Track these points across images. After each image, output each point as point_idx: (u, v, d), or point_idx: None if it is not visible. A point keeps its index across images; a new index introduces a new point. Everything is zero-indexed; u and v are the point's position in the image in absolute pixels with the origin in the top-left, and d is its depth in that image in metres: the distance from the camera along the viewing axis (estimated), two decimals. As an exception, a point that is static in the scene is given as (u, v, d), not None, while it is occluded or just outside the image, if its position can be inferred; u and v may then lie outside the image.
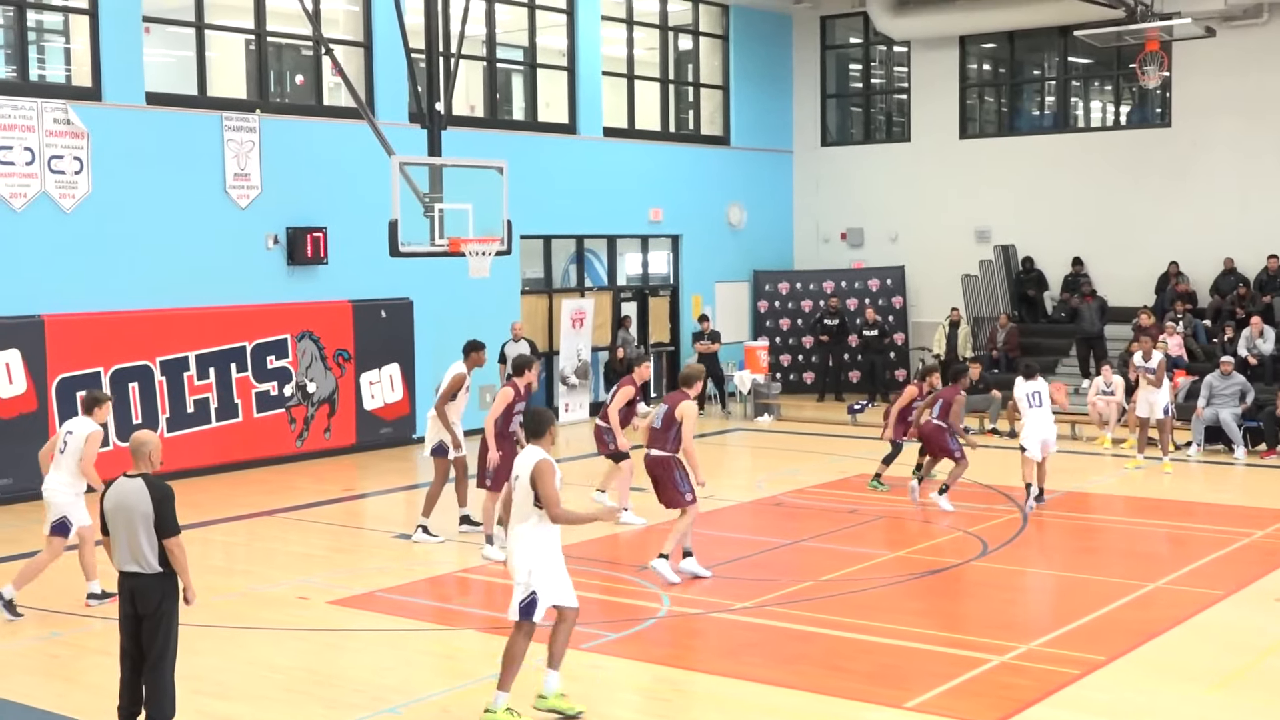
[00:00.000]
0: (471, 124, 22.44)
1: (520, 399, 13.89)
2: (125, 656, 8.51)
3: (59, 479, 11.81)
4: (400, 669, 10.20)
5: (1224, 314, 23.90)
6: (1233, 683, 9.72)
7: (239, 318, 19.33)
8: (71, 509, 11.79)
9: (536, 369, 14.19)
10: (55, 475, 11.84)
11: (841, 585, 12.55)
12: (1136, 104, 26.75)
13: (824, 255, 29.13)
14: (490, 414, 13.74)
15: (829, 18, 29.23)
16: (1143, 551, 14.04)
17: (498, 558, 13.48)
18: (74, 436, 11.74)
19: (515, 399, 13.84)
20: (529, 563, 8.68)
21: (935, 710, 9.09)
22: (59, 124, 17.51)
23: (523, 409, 13.70)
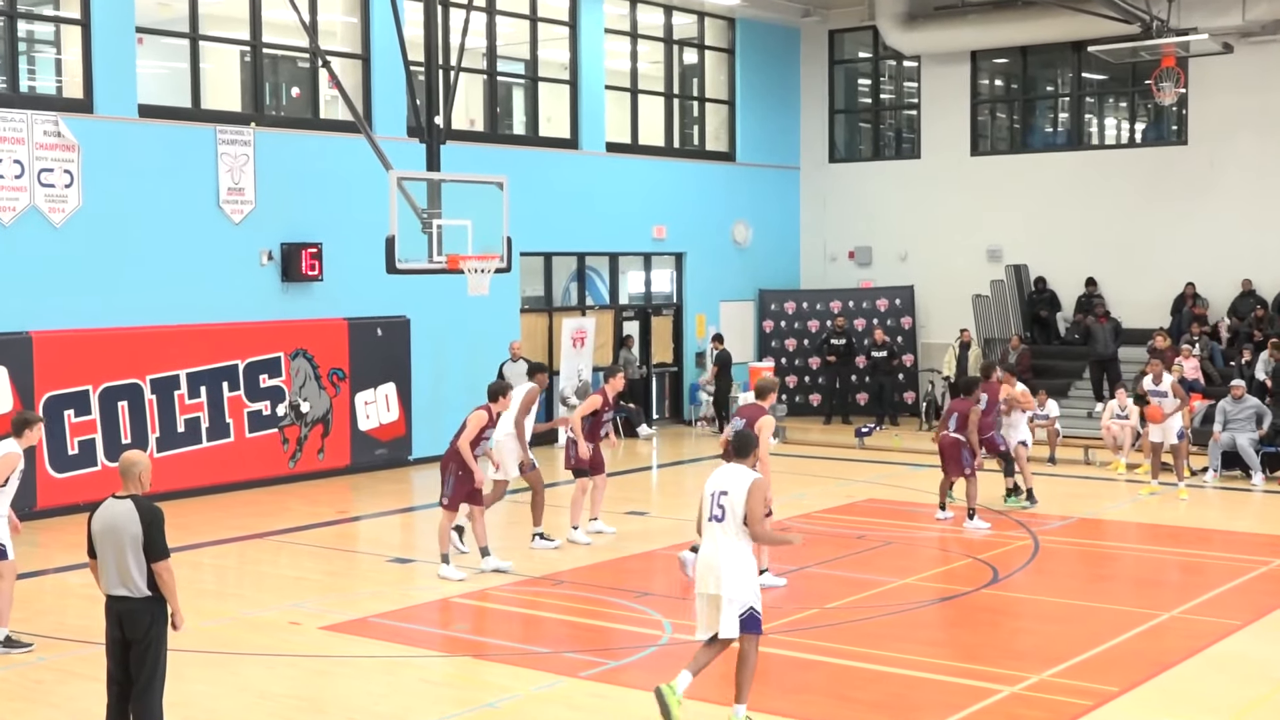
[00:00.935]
0: (471, 138, 22.49)
1: (493, 424, 14.10)
2: (112, 682, 8.49)
3: None
4: (394, 696, 10.18)
5: (1241, 336, 23.90)
6: (1249, 716, 9.69)
7: (231, 335, 19.35)
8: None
9: (510, 396, 14.39)
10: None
11: (848, 613, 12.54)
12: (1152, 121, 26.80)
13: (831, 274, 29.16)
14: (464, 437, 13.82)
15: (837, 32, 29.30)
16: (1157, 580, 14.02)
17: (455, 577, 13.64)
18: None
19: (489, 423, 14.04)
20: (738, 577, 9.02)
21: (944, 742, 9.08)
22: (49, 136, 17.56)
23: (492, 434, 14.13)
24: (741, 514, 8.99)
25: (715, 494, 9.14)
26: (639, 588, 13.57)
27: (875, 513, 17.87)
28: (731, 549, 9.02)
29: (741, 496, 9.00)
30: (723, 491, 9.10)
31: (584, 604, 12.92)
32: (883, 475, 20.47)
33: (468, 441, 13.78)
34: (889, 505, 18.33)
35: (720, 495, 9.10)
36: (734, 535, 9.04)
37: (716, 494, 9.13)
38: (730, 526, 9.04)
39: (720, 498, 9.09)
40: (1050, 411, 22.14)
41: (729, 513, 9.03)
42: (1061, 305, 26.79)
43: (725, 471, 9.24)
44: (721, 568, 8.99)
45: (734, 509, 9.02)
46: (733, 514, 9.02)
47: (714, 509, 9.10)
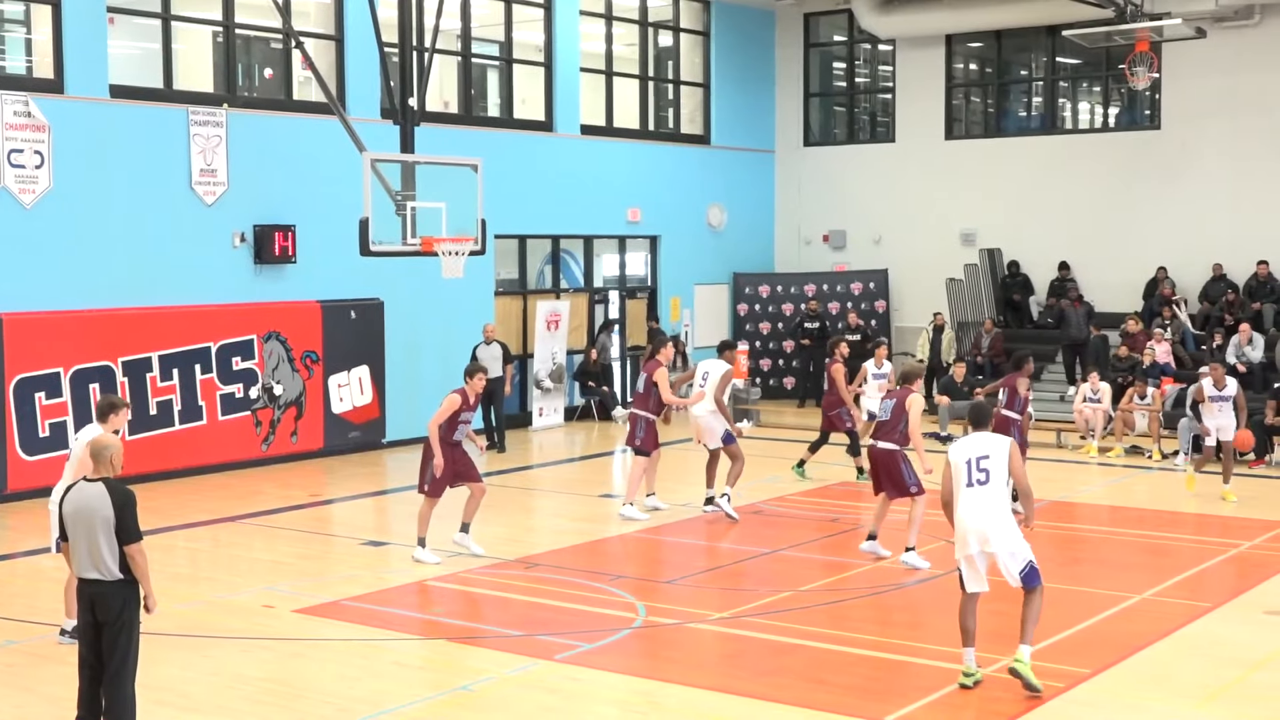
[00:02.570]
0: (446, 120, 22.42)
1: (469, 408, 13.85)
2: (84, 666, 8.46)
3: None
4: (368, 680, 10.17)
5: (1213, 321, 24.04)
6: (1220, 697, 9.76)
7: (204, 318, 19.26)
8: None
9: (482, 377, 14.16)
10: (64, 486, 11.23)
11: (822, 595, 12.58)
12: (1125, 106, 26.89)
13: (806, 258, 29.18)
14: (435, 419, 13.67)
15: (813, 15, 29.29)
16: (1129, 562, 14.10)
17: (430, 560, 13.61)
18: (79, 444, 10.94)
19: (464, 406, 13.78)
20: (1014, 534, 9.64)
21: (917, 724, 9.13)
22: (19, 116, 17.42)
23: (468, 418, 13.82)
24: (1006, 475, 9.65)
25: (974, 460, 9.69)
26: (613, 571, 13.59)
27: (849, 495, 17.92)
28: (1002, 509, 9.62)
29: (1004, 459, 9.68)
30: (982, 456, 9.69)
31: (558, 587, 12.92)
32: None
33: (437, 424, 13.62)
34: (862, 488, 18.37)
35: (980, 460, 9.68)
36: (1001, 496, 9.65)
37: (975, 460, 9.69)
38: (996, 488, 9.64)
39: (981, 462, 9.67)
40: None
41: (993, 475, 9.64)
42: (1035, 289, 26.87)
43: (976, 440, 9.84)
44: (995, 527, 9.56)
45: (998, 471, 9.64)
46: (998, 476, 9.64)
47: (976, 474, 9.66)
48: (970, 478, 9.69)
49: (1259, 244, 24.42)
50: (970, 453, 9.77)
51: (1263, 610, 12.08)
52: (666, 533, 15.60)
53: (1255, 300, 24.13)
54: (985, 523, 9.57)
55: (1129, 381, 21.90)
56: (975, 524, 9.61)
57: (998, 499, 9.65)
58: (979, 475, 9.66)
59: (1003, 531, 9.59)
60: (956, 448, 9.89)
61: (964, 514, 9.69)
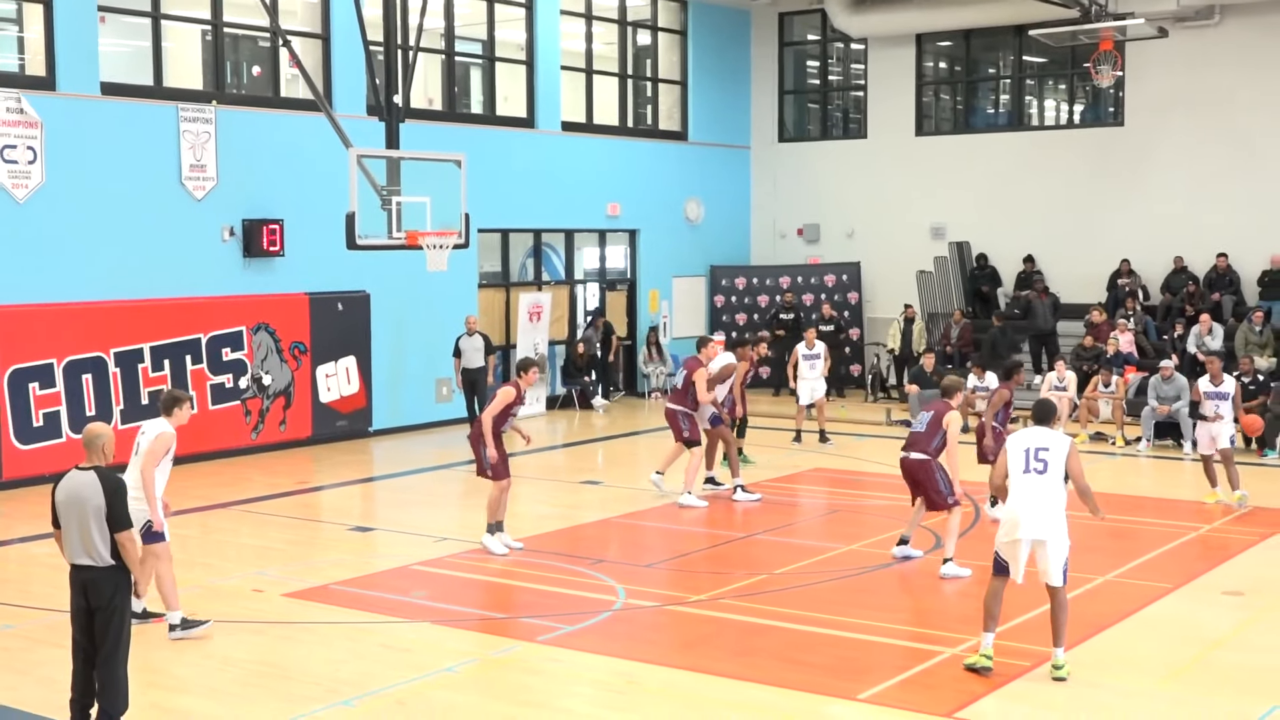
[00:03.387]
0: (430, 117, 22.36)
1: (520, 401, 13.74)
2: (77, 649, 8.44)
3: (134, 482, 10.36)
4: (355, 662, 10.15)
5: (1174, 311, 24.13)
6: (1180, 675, 9.81)
7: (194, 310, 19.19)
8: (144, 512, 10.44)
9: (535, 371, 14.04)
10: (130, 479, 10.39)
11: (797, 578, 12.59)
12: (1090, 103, 26.96)
13: (781, 251, 29.21)
14: (489, 411, 13.50)
15: (787, 14, 29.28)
16: (1092, 545, 14.11)
17: (498, 550, 13.44)
18: (145, 437, 10.76)
19: (517, 400, 13.67)
20: (1064, 526, 9.61)
21: (890, 702, 9.14)
22: (12, 113, 17.31)
23: (517, 410, 13.74)
24: (1063, 469, 9.61)
25: (1033, 449, 9.67)
26: (594, 555, 13.58)
27: (822, 481, 17.96)
28: (1058, 501, 9.58)
29: (1064, 454, 9.63)
30: (1042, 448, 9.67)
31: (540, 571, 12.91)
32: (831, 445, 20.56)
33: (491, 416, 13.47)
34: (835, 474, 18.43)
35: (1040, 450, 9.66)
36: (1057, 488, 9.61)
37: (1034, 449, 9.67)
38: (1053, 479, 9.59)
39: (1040, 453, 9.65)
40: (990, 384, 22.22)
41: (1051, 467, 9.60)
42: (1002, 281, 26.93)
43: (1037, 433, 9.82)
44: (1050, 515, 9.51)
45: (1056, 464, 9.60)
46: (1055, 469, 9.60)
47: (1034, 463, 9.62)
48: (1028, 465, 9.64)
49: (1218, 237, 24.52)
50: (1030, 443, 9.72)
51: (1221, 591, 12.14)
52: (645, 518, 15.60)
53: (1214, 291, 24.23)
54: (1041, 510, 9.50)
55: (1094, 370, 21.98)
56: (1030, 511, 9.51)
57: (1054, 490, 9.59)
58: (1037, 465, 9.62)
59: (1057, 523, 9.53)
60: (1016, 437, 9.88)
61: (1018, 500, 9.61)
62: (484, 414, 13.60)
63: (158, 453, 10.59)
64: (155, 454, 10.56)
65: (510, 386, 13.67)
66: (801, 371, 20.77)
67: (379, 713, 9.06)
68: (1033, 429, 9.92)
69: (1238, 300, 24.17)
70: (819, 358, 20.82)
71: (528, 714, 9.06)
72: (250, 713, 9.02)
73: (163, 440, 10.64)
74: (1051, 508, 9.53)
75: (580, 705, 9.33)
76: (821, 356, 20.87)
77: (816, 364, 20.80)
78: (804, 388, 20.74)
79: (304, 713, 9.01)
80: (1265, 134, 24.34)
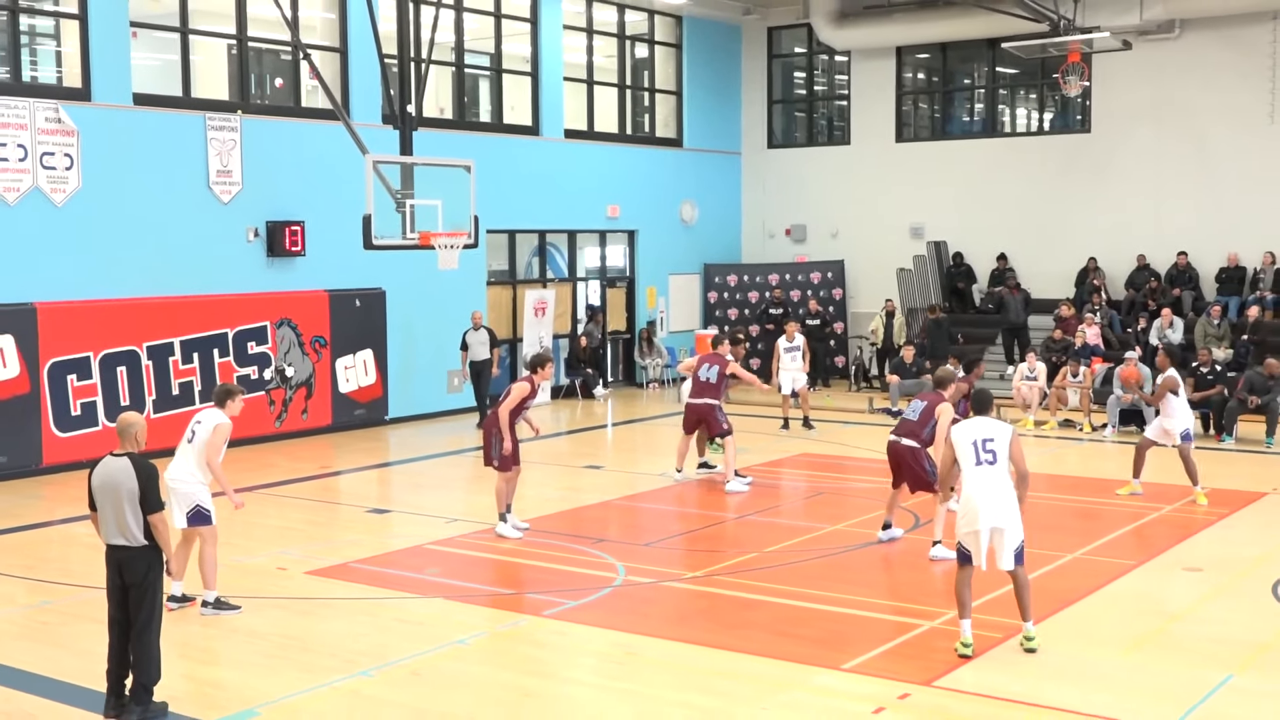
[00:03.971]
0: (441, 125, 22.32)
1: (534, 395, 13.50)
2: (113, 624, 8.44)
3: (184, 468, 10.61)
4: (373, 635, 10.16)
5: (1138, 306, 24.13)
6: (1143, 645, 9.82)
7: (221, 306, 19.17)
8: (201, 497, 10.64)
9: (551, 367, 13.88)
10: (180, 464, 10.67)
11: (785, 556, 12.59)
12: (1059, 111, 26.92)
13: (770, 250, 29.18)
14: (506, 405, 13.28)
15: (775, 29, 29.23)
16: (1061, 525, 14.14)
17: (512, 534, 13.32)
18: (202, 427, 10.71)
19: (531, 394, 13.41)
20: (1017, 514, 9.44)
21: (872, 671, 9.15)
22: (50, 123, 17.29)
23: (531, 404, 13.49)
24: (1007, 457, 9.43)
25: (980, 441, 9.45)
26: (596, 534, 13.58)
27: (809, 465, 17.96)
28: (1009, 488, 9.41)
29: (1007, 442, 9.45)
30: (988, 438, 9.45)
31: (546, 549, 12.92)
32: (815, 431, 20.56)
33: (508, 410, 13.28)
34: (821, 459, 18.43)
35: (986, 441, 9.44)
36: (1007, 476, 9.43)
37: (982, 441, 9.44)
38: (1002, 469, 9.41)
39: (987, 444, 9.43)
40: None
41: (999, 457, 9.41)
42: (977, 278, 26.92)
43: (977, 424, 9.58)
44: (1005, 504, 9.35)
45: (1002, 453, 9.42)
46: (1002, 458, 9.42)
47: (983, 455, 9.42)
48: (979, 458, 9.44)
49: (1178, 237, 24.54)
50: (975, 434, 9.51)
51: (1182, 567, 12.15)
52: (643, 500, 15.61)
53: (1175, 287, 24.22)
54: (996, 501, 9.35)
55: (1062, 361, 21.99)
56: (986, 501, 9.34)
57: (1005, 479, 9.44)
58: (986, 456, 9.42)
59: (1011, 511, 9.39)
60: (960, 429, 9.63)
61: (975, 491, 9.41)
62: (500, 408, 13.31)
63: (218, 444, 10.71)
64: (216, 445, 10.74)
65: (525, 382, 13.44)
66: (783, 363, 20.68)
67: (395, 682, 9.07)
68: (975, 420, 9.69)
69: (1197, 296, 24.17)
70: (799, 349, 20.78)
71: (534, 683, 9.07)
72: (275, 682, 9.03)
73: (221, 431, 10.72)
74: (1005, 496, 9.41)
75: (583, 675, 9.34)
76: (801, 348, 20.84)
77: (796, 355, 20.77)
78: (785, 378, 20.66)
79: (325, 682, 9.02)
80: (1222, 140, 24.33)
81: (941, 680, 8.95)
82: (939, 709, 8.46)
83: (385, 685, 9.00)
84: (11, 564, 12.43)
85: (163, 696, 8.44)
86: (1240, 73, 24.07)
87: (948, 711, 8.43)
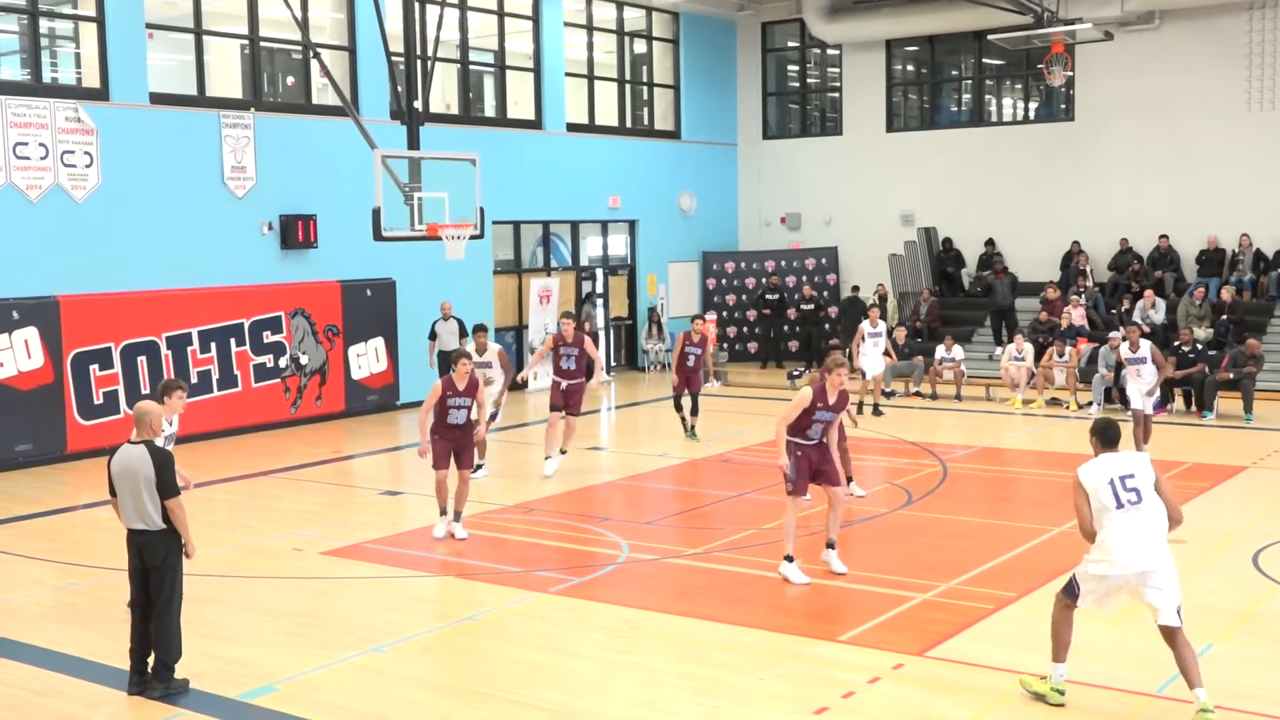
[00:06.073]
0: (447, 120, 22.27)
1: (456, 393, 12.32)
2: (135, 605, 8.44)
3: None
4: (386, 613, 10.15)
5: (1121, 288, 24.08)
6: (1126, 615, 9.77)
7: (237, 297, 19.14)
8: None
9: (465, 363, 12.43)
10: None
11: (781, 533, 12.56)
12: (1043, 101, 26.83)
13: (765, 237, 29.12)
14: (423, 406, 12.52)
15: (769, 24, 29.14)
16: (1049, 500, 14.12)
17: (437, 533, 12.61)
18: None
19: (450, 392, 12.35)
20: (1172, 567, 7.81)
21: (866, 643, 9.14)
22: (70, 122, 17.25)
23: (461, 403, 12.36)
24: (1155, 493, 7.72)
25: (1117, 479, 7.70)
26: (600, 514, 13.58)
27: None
28: (1163, 535, 7.74)
29: (1150, 475, 7.78)
30: (1126, 475, 7.72)
31: (552, 528, 12.91)
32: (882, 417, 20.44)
33: (424, 411, 12.44)
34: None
35: (1125, 479, 7.72)
36: (1161, 519, 7.73)
37: (1119, 479, 7.71)
38: (1152, 508, 7.70)
39: (1126, 481, 7.71)
40: (956, 355, 22.28)
41: (1144, 495, 7.69)
42: (966, 262, 26.88)
43: (1111, 459, 7.81)
44: (1159, 556, 7.67)
45: (1147, 489, 7.71)
46: (1149, 495, 7.70)
47: (1125, 494, 7.67)
48: (1120, 499, 7.67)
49: (1159, 220, 24.49)
50: (1111, 472, 7.73)
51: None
52: (646, 480, 15.59)
53: (1157, 269, 24.17)
54: (1143, 546, 7.62)
55: (1049, 342, 21.95)
56: (1132, 547, 7.63)
57: (1157, 522, 7.68)
58: (1129, 496, 7.67)
59: (1165, 563, 7.68)
60: (1089, 470, 7.83)
61: (1120, 539, 7.65)
62: (419, 411, 12.56)
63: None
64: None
65: (439, 382, 12.42)
66: (865, 348, 19.96)
67: (409, 657, 9.07)
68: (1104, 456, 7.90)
69: (1178, 277, 24.13)
70: (882, 335, 20.08)
71: (543, 657, 9.06)
72: (293, 658, 9.03)
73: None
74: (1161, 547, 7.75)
75: (588, 649, 9.33)
76: (884, 334, 20.15)
77: (880, 341, 20.03)
78: (867, 363, 19.96)
79: (340, 658, 9.02)
80: (1201, 127, 24.26)
81: (933, 650, 8.94)
82: (933, 678, 8.46)
83: (399, 660, 9.00)
84: (40, 547, 12.44)
85: (184, 673, 8.45)
86: (1218, 62, 24.00)
87: (941, 680, 8.42)
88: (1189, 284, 23.51)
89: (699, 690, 8.33)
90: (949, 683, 8.39)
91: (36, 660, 9.12)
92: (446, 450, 12.48)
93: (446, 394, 12.33)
